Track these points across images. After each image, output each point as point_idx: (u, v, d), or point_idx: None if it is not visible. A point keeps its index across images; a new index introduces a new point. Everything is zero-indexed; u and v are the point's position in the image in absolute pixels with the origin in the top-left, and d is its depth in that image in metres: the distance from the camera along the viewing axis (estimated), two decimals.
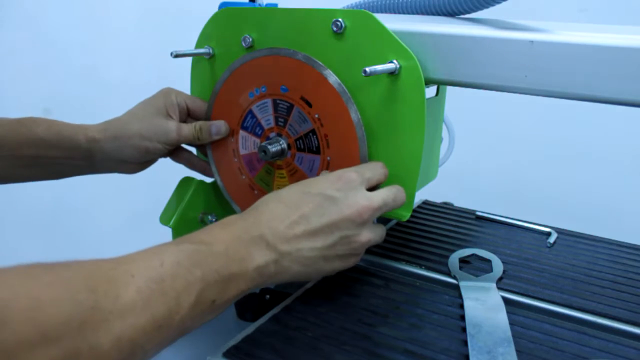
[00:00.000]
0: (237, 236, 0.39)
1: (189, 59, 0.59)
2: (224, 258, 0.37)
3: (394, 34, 0.45)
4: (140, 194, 1.02)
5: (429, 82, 0.46)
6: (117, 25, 1.29)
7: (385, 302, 0.47)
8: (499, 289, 0.49)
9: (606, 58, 0.38)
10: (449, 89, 0.56)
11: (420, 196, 0.73)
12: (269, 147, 0.52)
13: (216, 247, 0.37)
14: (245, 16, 0.53)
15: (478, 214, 0.67)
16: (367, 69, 0.43)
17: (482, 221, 0.66)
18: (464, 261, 0.54)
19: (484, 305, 0.46)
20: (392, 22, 0.46)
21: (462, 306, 0.46)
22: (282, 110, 0.52)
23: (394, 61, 0.45)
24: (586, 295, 0.49)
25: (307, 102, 0.50)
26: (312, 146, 0.51)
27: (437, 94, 0.56)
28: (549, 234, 0.62)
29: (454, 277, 0.51)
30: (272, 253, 0.40)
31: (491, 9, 0.49)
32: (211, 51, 0.56)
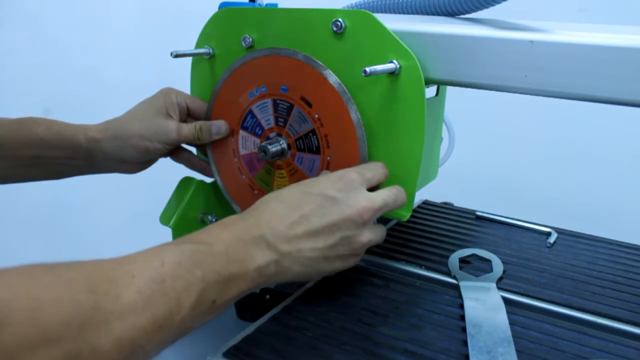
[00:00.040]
0: (237, 236, 0.39)
1: (189, 59, 0.59)
2: (224, 258, 0.37)
3: (394, 34, 0.45)
4: (140, 194, 1.02)
5: (429, 82, 0.46)
6: (117, 25, 1.29)
7: (385, 302, 0.47)
8: (499, 289, 0.49)
9: (606, 58, 0.38)
10: (449, 89, 0.56)
11: (420, 196, 0.73)
12: (269, 147, 0.52)
13: (216, 248, 0.37)
14: (245, 16, 0.53)
15: (478, 214, 0.67)
16: (367, 69, 0.43)
17: (482, 221, 0.66)
18: (464, 261, 0.54)
19: (484, 305, 0.46)
20: (392, 22, 0.46)
21: (462, 306, 0.46)
22: (282, 110, 0.52)
23: (394, 61, 0.45)
24: (586, 295, 0.49)
25: (307, 102, 0.50)
26: (312, 146, 0.51)
27: (437, 94, 0.56)
28: (549, 234, 0.62)
29: (454, 277, 0.51)
30: (272, 253, 0.40)
31: (491, 9, 0.49)
32: (211, 51, 0.56)
